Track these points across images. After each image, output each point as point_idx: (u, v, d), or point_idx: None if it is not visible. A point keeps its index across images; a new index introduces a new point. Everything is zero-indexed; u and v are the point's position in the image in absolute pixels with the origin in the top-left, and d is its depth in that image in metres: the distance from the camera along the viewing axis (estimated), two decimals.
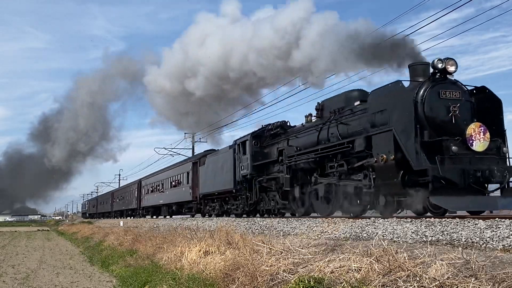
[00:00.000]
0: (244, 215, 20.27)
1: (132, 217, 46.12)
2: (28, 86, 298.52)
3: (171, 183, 32.80)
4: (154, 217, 38.34)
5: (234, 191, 20.48)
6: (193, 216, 28.80)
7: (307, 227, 11.83)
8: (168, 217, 34.05)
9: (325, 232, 10.80)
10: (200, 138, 41.93)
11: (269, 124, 18.98)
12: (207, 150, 28.70)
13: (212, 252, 9.04)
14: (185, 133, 42.12)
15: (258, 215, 19.57)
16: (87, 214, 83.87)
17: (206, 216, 25.82)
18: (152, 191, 38.59)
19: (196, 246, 9.59)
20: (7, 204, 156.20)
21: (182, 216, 31.00)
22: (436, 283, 4.34)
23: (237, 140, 20.21)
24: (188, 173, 29.07)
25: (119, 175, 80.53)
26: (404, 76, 12.38)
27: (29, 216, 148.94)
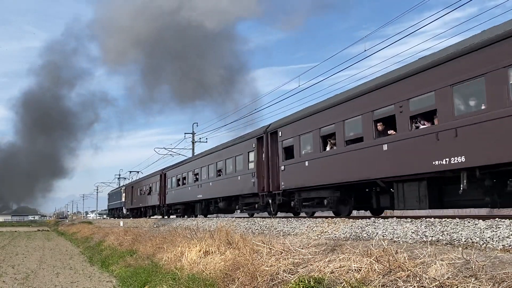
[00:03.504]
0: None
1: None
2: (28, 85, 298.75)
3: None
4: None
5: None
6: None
7: (307, 227, 11.82)
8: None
9: (325, 232, 10.79)
10: (200, 138, 42.20)
11: None
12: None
13: (212, 252, 9.03)
14: (185, 133, 42.53)
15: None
16: (125, 210, 49.05)
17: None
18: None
19: (196, 246, 9.59)
20: (4, 205, 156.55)
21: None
22: (436, 283, 4.34)
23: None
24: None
25: (119, 175, 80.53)
26: None
27: (29, 216, 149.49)
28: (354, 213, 16.03)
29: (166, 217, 32.83)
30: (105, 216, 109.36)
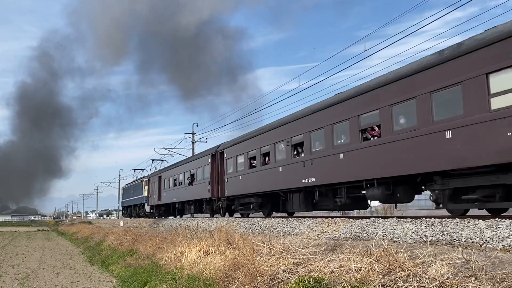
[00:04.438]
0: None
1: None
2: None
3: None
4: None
5: None
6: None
7: (307, 227, 11.82)
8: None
9: (325, 232, 10.80)
10: (200, 138, 42.13)
11: None
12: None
13: (212, 252, 9.03)
14: (185, 133, 42.47)
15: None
16: (148, 207, 39.30)
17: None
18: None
19: (196, 246, 9.59)
20: (3, 205, 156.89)
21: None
22: (436, 283, 4.34)
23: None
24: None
25: (119, 175, 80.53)
26: None
27: (29, 216, 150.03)
28: None
29: (219, 215, 23.92)
30: (105, 216, 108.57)
